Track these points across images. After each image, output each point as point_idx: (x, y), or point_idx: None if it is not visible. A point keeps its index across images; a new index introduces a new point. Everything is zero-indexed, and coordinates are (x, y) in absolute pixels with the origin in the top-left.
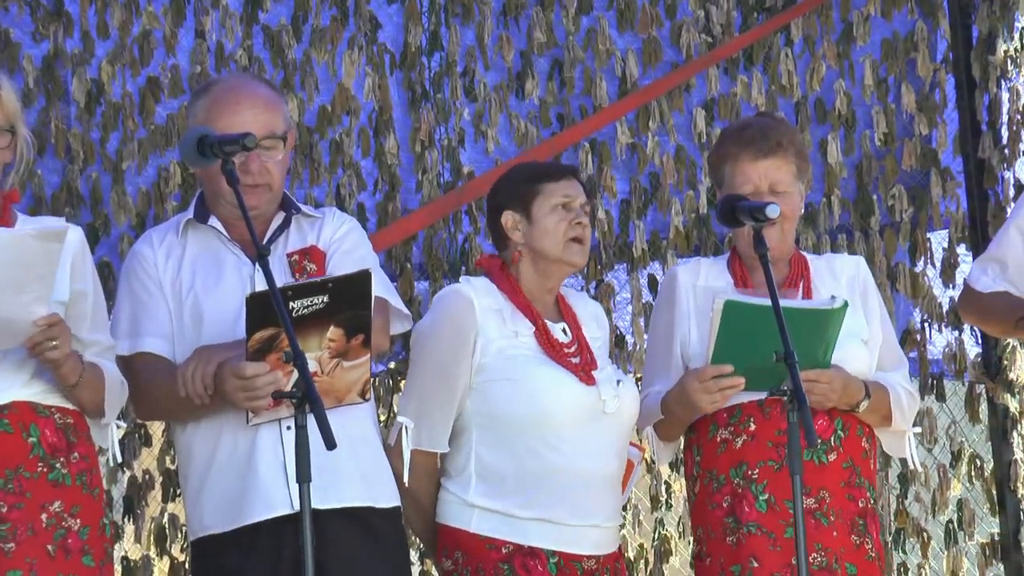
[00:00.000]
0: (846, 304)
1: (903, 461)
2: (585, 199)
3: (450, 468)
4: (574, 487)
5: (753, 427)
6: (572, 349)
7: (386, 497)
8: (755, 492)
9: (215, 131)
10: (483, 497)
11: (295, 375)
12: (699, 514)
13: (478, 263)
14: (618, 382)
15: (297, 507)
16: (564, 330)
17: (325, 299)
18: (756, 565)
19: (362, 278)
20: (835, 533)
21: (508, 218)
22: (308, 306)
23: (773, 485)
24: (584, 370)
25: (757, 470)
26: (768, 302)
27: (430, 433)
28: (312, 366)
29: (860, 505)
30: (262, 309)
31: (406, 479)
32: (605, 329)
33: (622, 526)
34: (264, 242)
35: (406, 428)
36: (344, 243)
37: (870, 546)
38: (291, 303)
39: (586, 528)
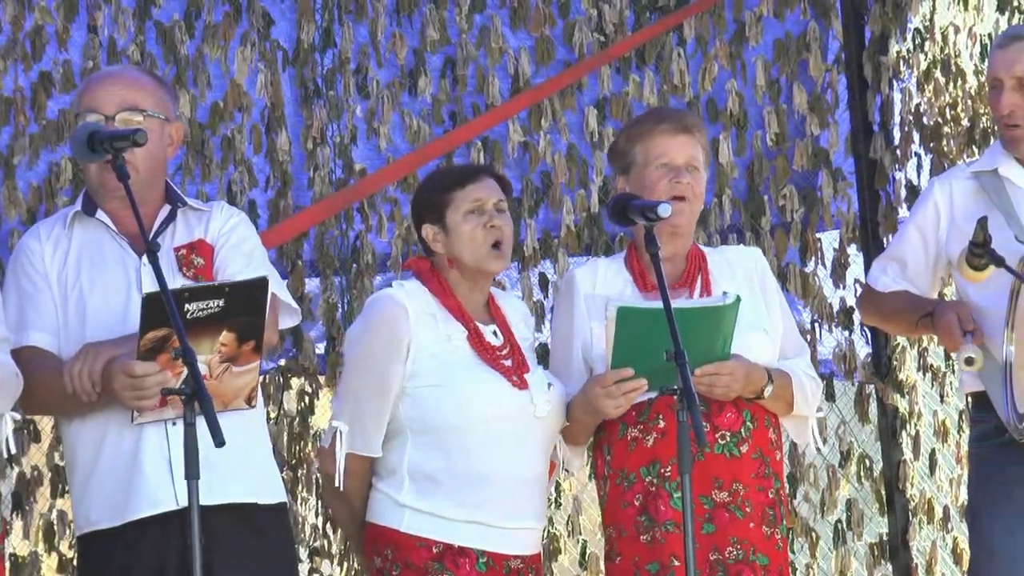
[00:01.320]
0: (738, 299)
1: (793, 460)
2: (500, 197)
3: (382, 470)
4: (505, 489)
5: (663, 424)
6: (504, 352)
7: (272, 494)
8: (669, 490)
9: (88, 115)
10: (415, 498)
11: (184, 374)
12: (610, 513)
13: (406, 264)
14: (549, 385)
15: (182, 503)
16: (495, 332)
17: (221, 303)
18: (677, 564)
19: (259, 285)
20: (751, 525)
21: (428, 231)
22: (203, 309)
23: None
24: (516, 374)
25: (670, 467)
26: (660, 304)
27: (364, 437)
28: (202, 369)
29: (770, 496)
30: (158, 309)
31: (340, 482)
32: (532, 329)
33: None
34: (151, 236)
35: (341, 432)
36: (232, 236)
37: (779, 536)
38: (187, 304)
39: (515, 530)
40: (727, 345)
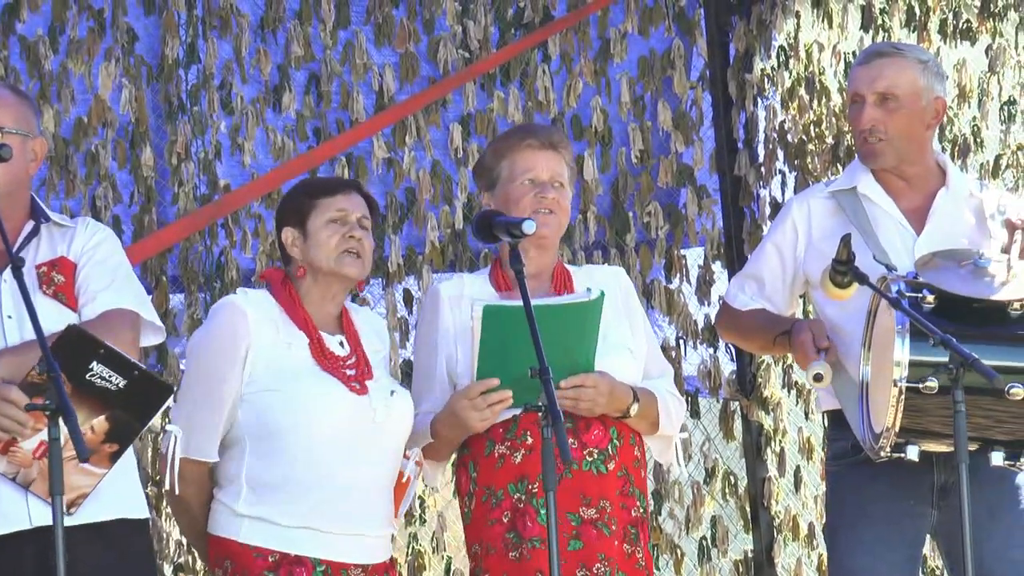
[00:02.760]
0: (602, 294)
1: (657, 476)
2: (364, 213)
3: (222, 479)
4: (342, 496)
5: (531, 440)
6: (349, 362)
7: (135, 509)
8: (536, 506)
9: None
10: (252, 506)
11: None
12: (475, 530)
13: (261, 276)
14: (392, 392)
15: (34, 522)
16: (342, 343)
17: (122, 383)
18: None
19: (164, 390)
20: (616, 542)
21: (287, 234)
22: (105, 379)
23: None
24: (357, 380)
25: (537, 484)
26: (538, 302)
27: (199, 442)
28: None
29: (633, 514)
30: (72, 348)
31: (176, 487)
32: (386, 343)
33: (394, 536)
34: (14, 251)
35: (176, 437)
36: (96, 253)
37: (640, 555)
38: (94, 363)
39: (353, 537)
40: (591, 353)
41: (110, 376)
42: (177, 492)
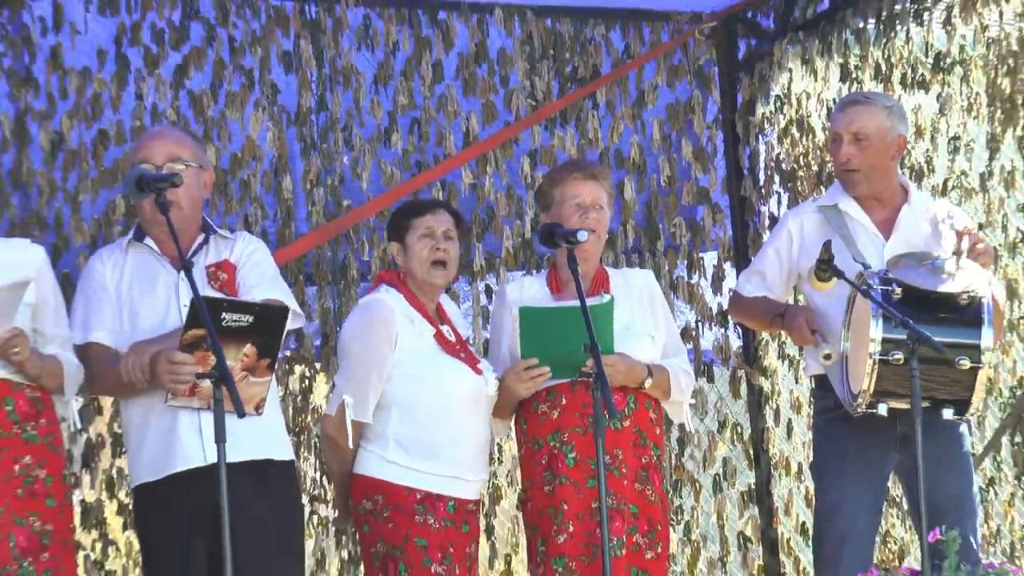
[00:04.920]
0: (612, 299)
1: (681, 427)
2: (450, 227)
3: (370, 434)
4: (466, 451)
5: (564, 402)
6: (459, 345)
7: (283, 453)
8: (565, 452)
9: (141, 164)
10: (399, 455)
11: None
12: (525, 469)
13: (379, 276)
14: (493, 371)
15: (208, 460)
16: (449, 332)
17: (250, 319)
18: (566, 507)
19: (281, 312)
20: (625, 482)
21: (393, 247)
22: (236, 320)
23: (579, 447)
24: (471, 363)
25: (567, 435)
26: (554, 304)
27: (363, 408)
28: (231, 364)
29: (643, 461)
30: (200, 314)
31: (350, 442)
32: (465, 327)
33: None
34: (187, 253)
35: (348, 404)
36: (252, 258)
37: (651, 492)
38: (224, 314)
39: (473, 481)
40: (609, 336)
41: (239, 318)
42: (351, 445)
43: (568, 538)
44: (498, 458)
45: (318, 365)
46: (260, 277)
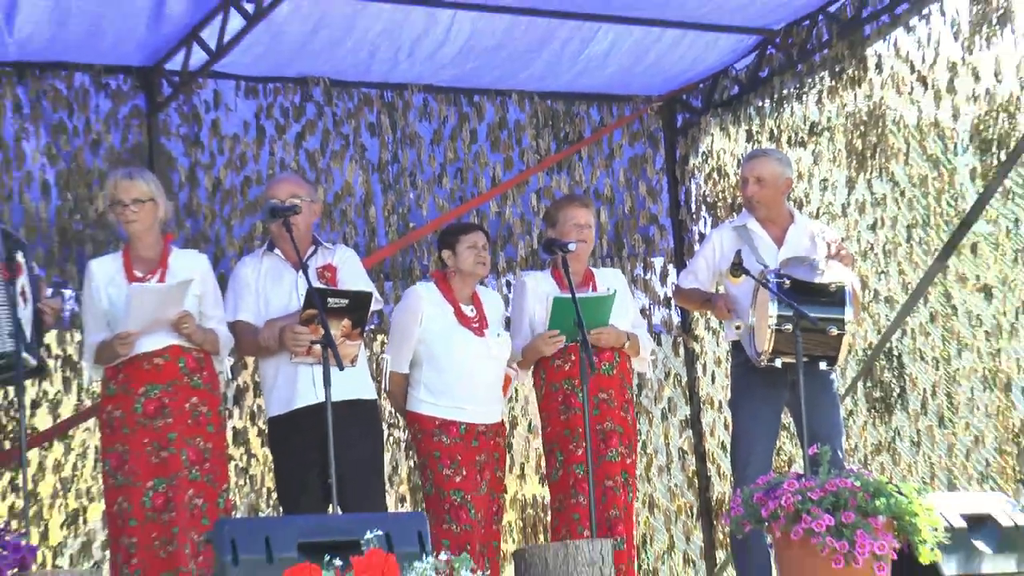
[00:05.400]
0: (615, 292)
1: (641, 375)
2: (485, 241)
3: (413, 381)
4: (473, 391)
5: (573, 358)
6: (475, 320)
7: (369, 393)
8: (575, 391)
9: (272, 200)
10: (427, 395)
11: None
12: (544, 406)
13: (432, 273)
14: (497, 335)
15: (319, 399)
16: (472, 310)
17: (346, 302)
18: (579, 430)
19: (367, 297)
20: (616, 411)
21: (446, 254)
22: (336, 303)
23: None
24: (479, 332)
25: (576, 380)
26: (579, 295)
27: (398, 363)
28: (333, 334)
29: (625, 397)
30: (313, 299)
31: (386, 386)
32: (499, 308)
33: (503, 410)
34: (303, 259)
35: (387, 360)
36: (347, 263)
37: (628, 418)
38: (328, 299)
39: (479, 409)
40: (607, 315)
41: (338, 301)
42: (388, 389)
43: (579, 451)
44: (514, 396)
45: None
46: (353, 275)
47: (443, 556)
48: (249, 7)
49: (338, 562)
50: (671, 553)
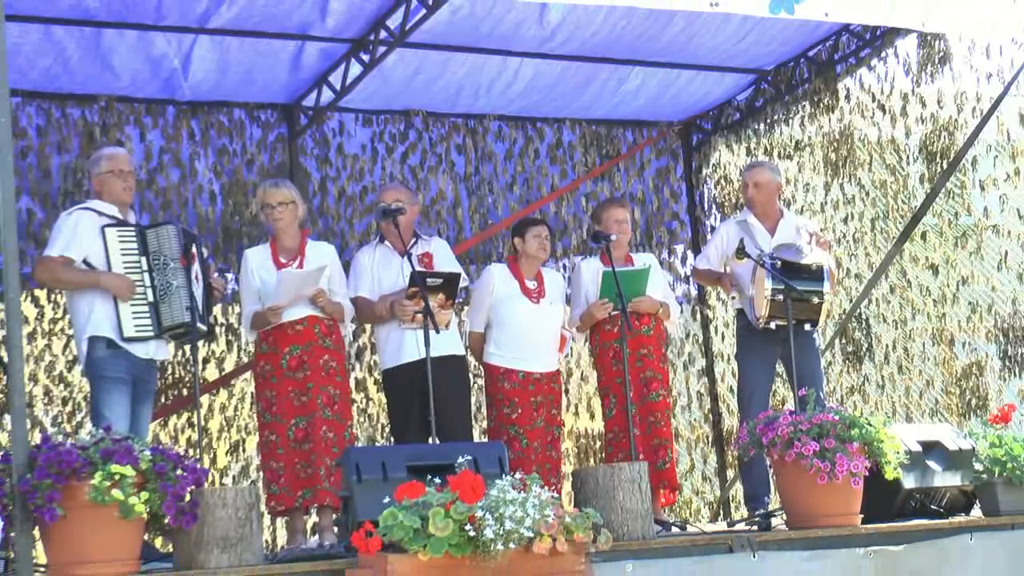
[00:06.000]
0: (649, 267)
1: (669, 339)
2: (547, 232)
3: (485, 338)
4: (530, 345)
5: (617, 322)
6: (536, 291)
7: (459, 350)
8: (622, 348)
9: (382, 203)
10: (495, 349)
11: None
12: (598, 361)
13: (507, 257)
14: (551, 303)
15: (421, 356)
16: (535, 284)
17: (440, 280)
18: (629, 379)
19: (457, 276)
20: (655, 362)
21: (517, 241)
22: (433, 281)
23: (630, 345)
24: (537, 300)
25: (621, 339)
26: (622, 269)
27: (475, 324)
28: (431, 305)
29: (662, 352)
30: (415, 279)
31: (467, 342)
32: (558, 284)
33: (559, 362)
34: (407, 248)
35: (469, 323)
36: (441, 251)
37: (665, 366)
38: (427, 278)
39: (535, 360)
40: (644, 286)
41: (435, 280)
42: (468, 345)
43: (633, 393)
44: (570, 354)
45: None
46: (445, 260)
47: (518, 475)
48: (365, 57)
49: (437, 480)
50: (692, 472)
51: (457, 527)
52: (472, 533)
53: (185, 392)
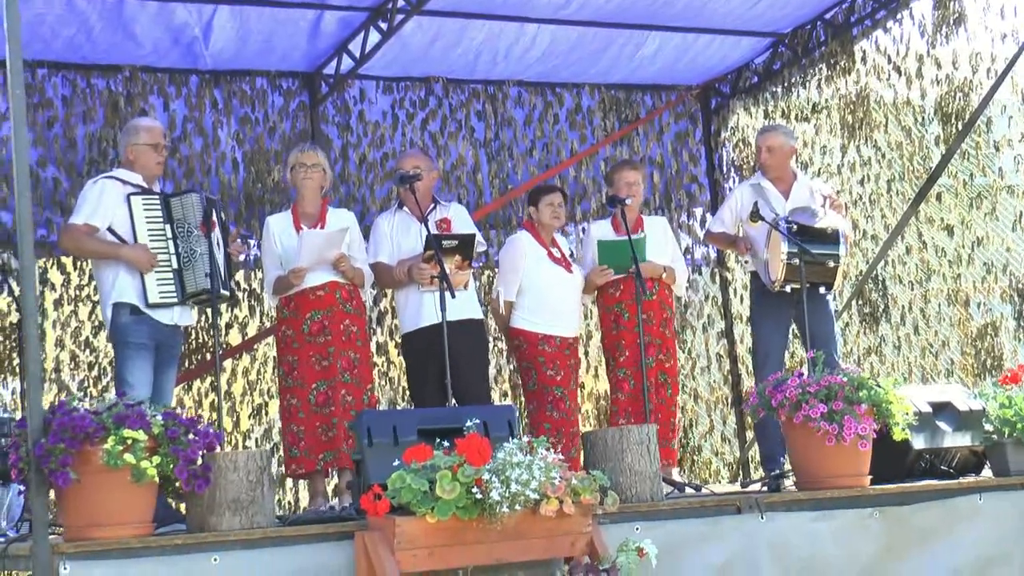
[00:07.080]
0: (644, 236)
1: (678, 299)
2: (561, 200)
3: (517, 305)
4: (562, 311)
5: (622, 287)
6: (560, 257)
7: (477, 314)
8: (623, 312)
9: (400, 170)
10: (528, 315)
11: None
12: (603, 322)
13: (524, 224)
14: (581, 271)
15: (438, 319)
16: (558, 250)
17: (455, 242)
18: (624, 342)
19: (473, 238)
20: (657, 327)
21: (531, 210)
22: (449, 244)
23: (630, 310)
24: (566, 267)
25: (624, 304)
26: (617, 238)
27: (507, 292)
28: (447, 268)
29: (664, 316)
30: (432, 243)
31: (503, 309)
32: (570, 249)
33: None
34: (424, 214)
35: (500, 291)
36: (458, 215)
37: (667, 332)
38: (443, 241)
39: (566, 327)
40: (643, 254)
41: (451, 243)
42: (500, 312)
43: (628, 357)
44: (588, 314)
45: (496, 271)
46: (463, 223)
47: (525, 438)
48: (383, 25)
49: (446, 444)
50: (711, 433)
51: (464, 490)
52: (479, 496)
53: (208, 357)
